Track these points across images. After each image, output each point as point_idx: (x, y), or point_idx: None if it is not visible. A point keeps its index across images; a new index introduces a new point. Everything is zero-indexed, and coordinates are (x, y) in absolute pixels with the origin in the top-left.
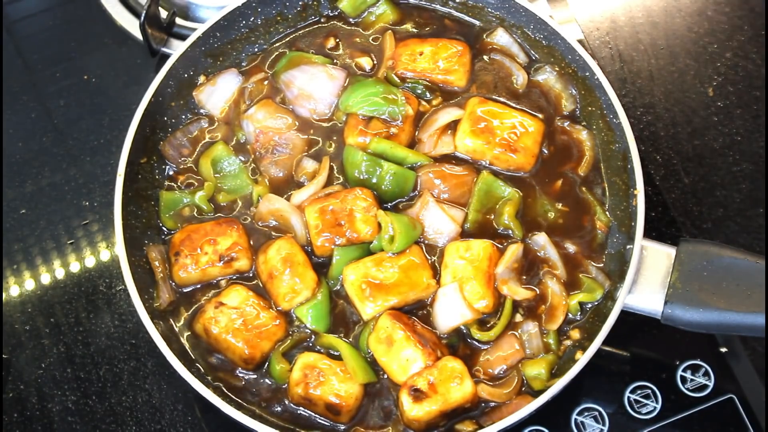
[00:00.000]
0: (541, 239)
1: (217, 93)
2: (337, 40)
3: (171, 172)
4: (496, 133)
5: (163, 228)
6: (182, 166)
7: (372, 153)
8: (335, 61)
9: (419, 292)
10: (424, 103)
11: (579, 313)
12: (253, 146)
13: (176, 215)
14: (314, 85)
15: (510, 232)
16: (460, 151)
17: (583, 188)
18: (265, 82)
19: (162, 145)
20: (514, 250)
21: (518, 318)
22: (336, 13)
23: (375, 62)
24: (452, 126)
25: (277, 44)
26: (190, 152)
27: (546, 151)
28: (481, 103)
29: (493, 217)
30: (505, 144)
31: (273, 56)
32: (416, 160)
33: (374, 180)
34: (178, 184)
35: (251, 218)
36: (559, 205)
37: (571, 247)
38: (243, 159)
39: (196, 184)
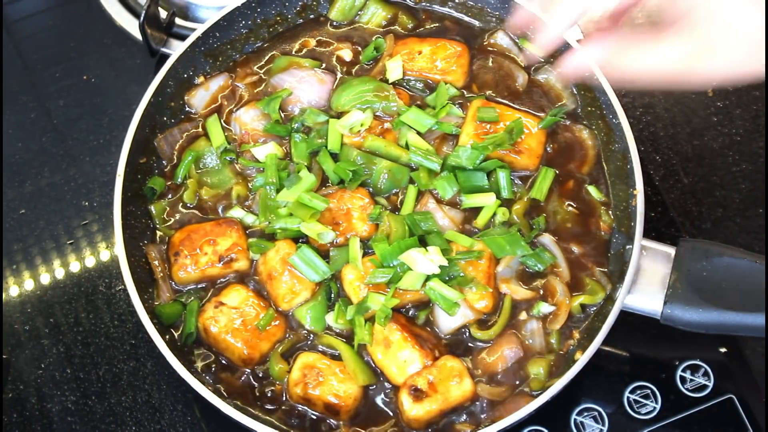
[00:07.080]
0: (546, 240)
1: (209, 97)
2: (318, 38)
3: (165, 167)
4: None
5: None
6: (171, 162)
7: (367, 151)
8: (323, 64)
9: (417, 292)
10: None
11: (580, 314)
12: (237, 146)
13: (168, 221)
14: (303, 89)
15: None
16: None
17: (588, 189)
18: (256, 84)
19: (158, 140)
20: None
21: (523, 316)
22: None
23: (358, 48)
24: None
25: (274, 45)
26: (181, 149)
27: (550, 150)
28: (483, 105)
29: None
30: (509, 146)
31: (266, 57)
32: (410, 160)
33: (370, 179)
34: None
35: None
36: (568, 207)
37: (576, 249)
38: (227, 156)
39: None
